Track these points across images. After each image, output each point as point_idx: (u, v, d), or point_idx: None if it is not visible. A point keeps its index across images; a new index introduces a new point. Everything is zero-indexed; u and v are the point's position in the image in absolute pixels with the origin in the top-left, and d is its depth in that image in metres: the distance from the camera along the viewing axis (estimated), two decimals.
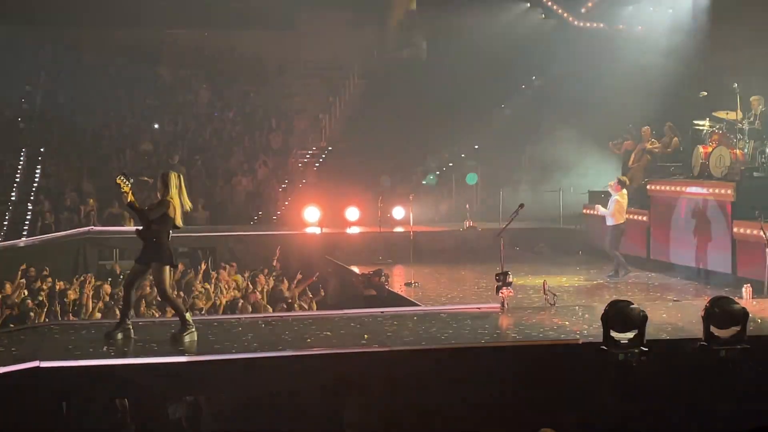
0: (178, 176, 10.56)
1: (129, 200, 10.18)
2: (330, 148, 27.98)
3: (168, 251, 10.32)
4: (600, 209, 16.76)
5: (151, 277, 14.87)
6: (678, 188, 17.18)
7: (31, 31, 28.92)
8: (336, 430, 9.73)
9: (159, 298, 14.86)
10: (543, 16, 26.64)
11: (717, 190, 15.93)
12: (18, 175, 25.77)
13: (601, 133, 21.60)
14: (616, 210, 16.35)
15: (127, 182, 10.24)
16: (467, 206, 22.57)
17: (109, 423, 9.91)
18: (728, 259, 15.49)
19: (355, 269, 17.67)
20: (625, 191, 16.49)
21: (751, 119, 16.46)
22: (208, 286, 16.81)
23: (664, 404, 9.67)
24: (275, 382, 9.74)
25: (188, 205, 10.59)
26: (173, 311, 10.62)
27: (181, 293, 16.12)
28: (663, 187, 17.63)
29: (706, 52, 19.55)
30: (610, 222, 16.47)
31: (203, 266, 18.19)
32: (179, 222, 10.40)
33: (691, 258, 16.60)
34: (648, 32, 22.77)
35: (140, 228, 10.34)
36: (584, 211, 20.66)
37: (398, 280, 16.76)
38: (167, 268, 10.38)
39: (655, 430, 9.66)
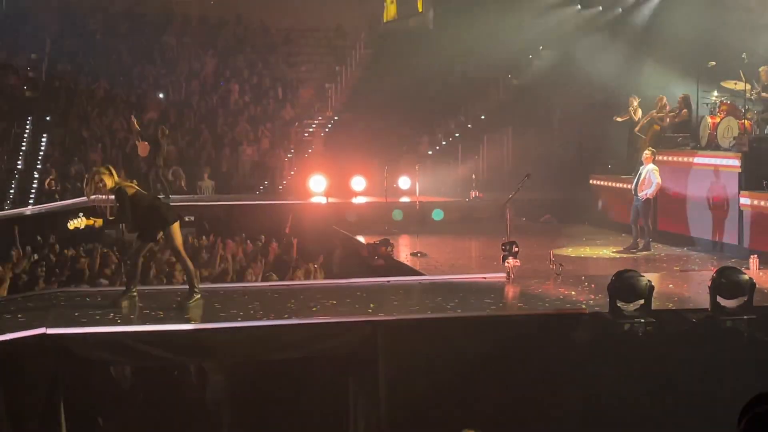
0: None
1: (105, 222, 10.19)
2: (336, 118, 27.91)
3: (163, 213, 10.25)
4: (648, 190, 16.04)
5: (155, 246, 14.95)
6: (685, 159, 17.10)
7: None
8: (342, 398, 9.76)
9: (167, 264, 14.98)
10: None
11: (725, 161, 15.86)
12: (24, 144, 25.78)
13: (609, 103, 21.50)
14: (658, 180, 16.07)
15: (83, 219, 10.30)
16: (473, 176, 22.51)
17: (114, 389, 9.95)
18: (735, 230, 15.45)
19: (361, 239, 17.65)
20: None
21: (759, 90, 16.36)
22: (216, 255, 16.83)
23: (670, 374, 9.67)
24: (281, 350, 9.76)
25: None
26: (183, 275, 10.61)
27: None
28: (670, 158, 17.55)
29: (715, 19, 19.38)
30: (650, 194, 15.93)
31: (212, 236, 18.19)
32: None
33: (698, 229, 16.57)
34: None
35: (128, 229, 10.29)
36: (591, 181, 20.61)
37: (404, 250, 16.74)
38: (175, 226, 10.32)
39: (660, 401, 9.67)
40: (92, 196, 10.07)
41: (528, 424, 9.60)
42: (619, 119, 20.21)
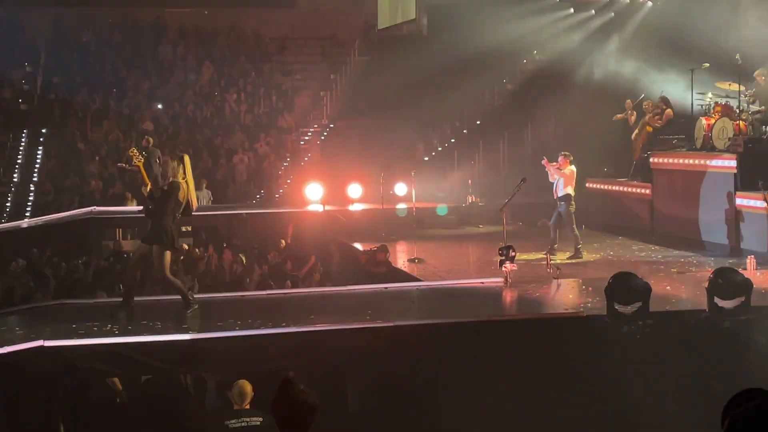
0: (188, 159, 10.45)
1: (144, 182, 10.15)
2: (331, 125, 27.91)
3: (171, 234, 10.23)
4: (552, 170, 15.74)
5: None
6: (681, 160, 17.13)
7: (30, 11, 28.83)
8: (340, 405, 9.74)
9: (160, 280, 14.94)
10: None
11: (720, 162, 15.88)
12: (20, 157, 25.76)
13: (604, 107, 21.53)
14: (569, 175, 15.67)
15: (139, 157, 10.29)
16: (469, 182, 22.52)
17: (113, 401, 9.93)
18: (732, 231, 15.46)
19: (359, 246, 17.62)
20: (573, 166, 15.96)
21: (754, 92, 16.39)
22: (212, 264, 16.84)
23: (669, 376, 9.66)
24: (280, 359, 9.75)
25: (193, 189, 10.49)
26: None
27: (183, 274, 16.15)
28: (666, 160, 17.57)
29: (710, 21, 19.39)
30: (561, 192, 15.59)
31: (210, 248, 18.16)
32: (194, 204, 10.31)
33: (694, 230, 16.57)
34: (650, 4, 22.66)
35: (147, 207, 10.24)
36: (587, 185, 20.61)
37: (402, 257, 16.73)
38: (168, 251, 10.31)
39: (659, 402, 9.66)
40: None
41: (527, 428, 9.58)
42: (618, 117, 20.23)
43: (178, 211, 10.21)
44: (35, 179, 25.01)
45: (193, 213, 10.51)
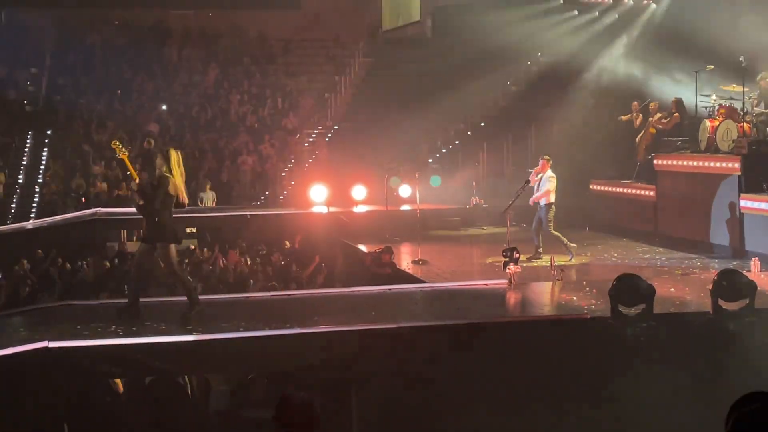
0: (177, 153, 10.46)
1: (132, 176, 10.18)
2: (336, 127, 27.93)
3: (171, 229, 10.26)
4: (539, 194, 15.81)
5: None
6: (685, 162, 17.12)
7: (34, 14, 28.88)
8: (344, 406, 9.76)
9: (168, 277, 14.97)
10: None
11: (724, 164, 15.88)
12: (25, 158, 25.82)
13: (608, 109, 21.53)
14: (553, 188, 15.76)
15: (122, 149, 10.32)
16: (473, 183, 22.52)
17: (117, 402, 9.96)
18: (736, 233, 15.46)
19: (363, 248, 17.63)
20: (551, 170, 15.93)
21: (757, 96, 16.40)
22: (217, 266, 16.86)
23: (672, 378, 9.66)
24: (283, 360, 9.77)
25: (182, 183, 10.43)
26: (182, 289, 10.61)
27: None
28: (670, 162, 17.57)
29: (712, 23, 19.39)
30: (544, 201, 15.67)
31: (216, 248, 18.19)
32: (183, 199, 10.33)
33: (698, 232, 16.57)
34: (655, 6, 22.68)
35: (141, 204, 10.24)
36: (591, 186, 20.62)
37: (405, 258, 16.73)
38: (173, 246, 10.34)
39: (663, 404, 9.66)
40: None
41: (531, 429, 9.59)
42: (624, 118, 20.22)
43: (171, 205, 10.23)
44: (40, 180, 25.05)
45: (185, 207, 10.53)
